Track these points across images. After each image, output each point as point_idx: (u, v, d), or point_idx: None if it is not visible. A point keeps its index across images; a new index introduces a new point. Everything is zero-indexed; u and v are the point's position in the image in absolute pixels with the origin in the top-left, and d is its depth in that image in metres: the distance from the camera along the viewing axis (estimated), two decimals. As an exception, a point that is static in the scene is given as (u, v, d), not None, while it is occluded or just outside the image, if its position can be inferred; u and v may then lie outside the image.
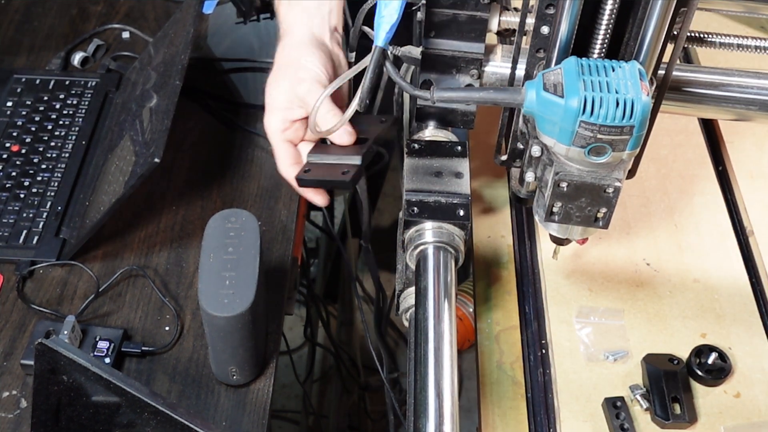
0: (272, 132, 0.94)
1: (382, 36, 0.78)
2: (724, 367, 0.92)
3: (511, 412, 0.92)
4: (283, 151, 0.94)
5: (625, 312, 0.98)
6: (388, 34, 0.78)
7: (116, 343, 0.96)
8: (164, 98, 1.05)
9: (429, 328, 0.79)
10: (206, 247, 0.90)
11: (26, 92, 1.25)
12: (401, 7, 0.78)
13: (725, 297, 1.00)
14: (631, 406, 0.90)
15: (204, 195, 1.15)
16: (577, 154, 0.73)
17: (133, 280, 1.05)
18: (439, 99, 0.78)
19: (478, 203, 1.13)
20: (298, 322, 1.95)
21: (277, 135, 0.94)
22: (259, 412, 0.93)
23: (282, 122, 0.94)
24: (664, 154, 1.16)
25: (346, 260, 1.74)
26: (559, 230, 0.84)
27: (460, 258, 0.86)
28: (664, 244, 1.05)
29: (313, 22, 0.96)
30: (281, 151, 0.95)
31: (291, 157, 0.94)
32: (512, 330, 0.99)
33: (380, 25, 0.78)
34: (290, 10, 0.98)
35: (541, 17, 0.80)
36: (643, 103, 0.70)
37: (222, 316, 0.85)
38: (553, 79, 0.73)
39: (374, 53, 0.79)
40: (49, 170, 1.14)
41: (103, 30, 1.38)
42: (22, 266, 1.04)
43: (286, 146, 0.94)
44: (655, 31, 0.76)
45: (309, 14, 0.97)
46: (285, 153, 0.94)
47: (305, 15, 0.97)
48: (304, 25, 0.96)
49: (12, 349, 0.97)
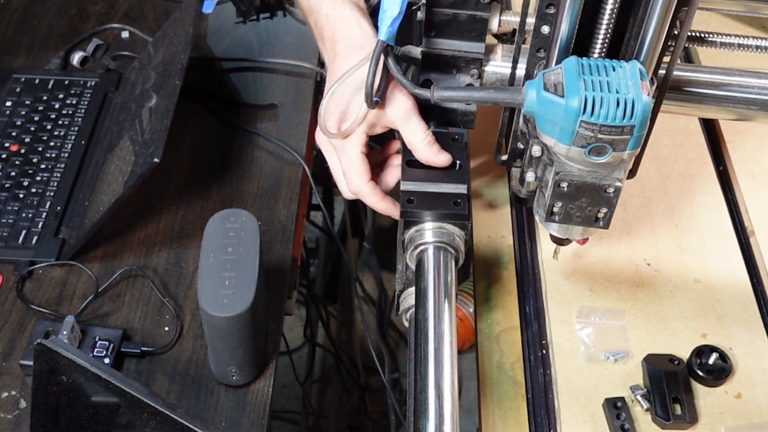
0: (352, 144, 0.87)
1: (384, 30, 0.78)
2: (725, 368, 0.92)
3: (511, 413, 0.92)
4: (365, 164, 0.87)
5: (626, 312, 0.98)
6: (391, 28, 0.78)
7: (116, 343, 0.96)
8: (164, 98, 1.05)
9: (429, 329, 0.79)
10: (206, 247, 0.90)
11: (25, 92, 1.25)
12: (404, 1, 0.78)
13: (726, 297, 0.99)
14: (632, 406, 0.90)
15: (204, 195, 1.15)
16: (578, 154, 0.73)
17: (132, 281, 1.05)
18: (440, 98, 0.78)
19: (478, 203, 1.12)
20: (298, 323, 1.95)
21: (358, 148, 0.87)
22: (258, 413, 0.93)
23: (364, 135, 0.87)
24: (665, 153, 1.16)
25: (346, 260, 1.74)
26: (560, 230, 0.84)
27: (460, 258, 0.86)
28: (665, 244, 1.05)
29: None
30: (362, 165, 0.87)
31: (369, 172, 0.88)
32: (512, 330, 0.99)
33: (383, 19, 0.78)
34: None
35: (542, 17, 0.79)
36: (643, 103, 0.70)
37: (222, 317, 0.85)
38: (553, 78, 0.73)
39: (376, 47, 0.78)
40: (48, 170, 1.14)
41: (103, 30, 1.38)
42: (22, 266, 1.04)
43: (365, 159, 0.87)
44: (656, 31, 0.76)
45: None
46: (366, 167, 0.87)
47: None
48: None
49: (11, 349, 0.97)
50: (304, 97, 1.29)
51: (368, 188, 0.88)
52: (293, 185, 1.17)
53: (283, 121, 1.26)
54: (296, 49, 1.37)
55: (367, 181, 0.88)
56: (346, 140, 0.87)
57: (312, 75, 1.33)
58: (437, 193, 0.86)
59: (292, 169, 1.19)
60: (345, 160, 0.87)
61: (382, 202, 0.89)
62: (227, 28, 1.42)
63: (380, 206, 0.90)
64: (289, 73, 1.33)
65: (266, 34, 1.40)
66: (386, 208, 0.90)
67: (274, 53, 1.36)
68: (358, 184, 0.88)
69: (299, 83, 1.32)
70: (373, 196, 0.88)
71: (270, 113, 1.27)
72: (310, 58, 1.34)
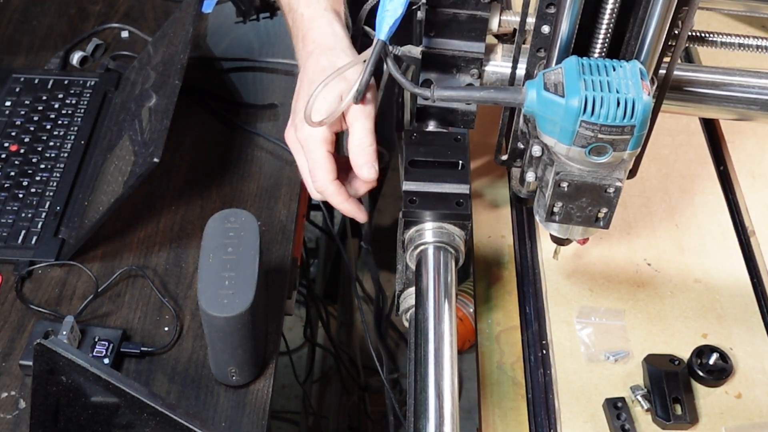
0: (319, 143, 0.86)
1: (385, 29, 0.78)
2: (726, 368, 0.92)
3: (511, 413, 0.92)
4: (330, 163, 0.87)
5: (626, 312, 0.98)
6: (392, 28, 0.78)
7: (115, 343, 0.96)
8: (163, 98, 1.05)
9: (429, 329, 0.79)
10: (206, 248, 0.89)
11: (25, 92, 1.25)
12: (406, 1, 0.77)
13: (726, 297, 0.99)
14: (632, 406, 0.89)
15: (203, 195, 1.15)
16: (578, 154, 0.73)
17: (132, 281, 1.05)
18: (440, 98, 0.78)
19: (478, 203, 1.12)
20: (298, 323, 1.95)
21: (324, 147, 0.86)
22: (258, 413, 0.93)
23: (330, 133, 0.86)
24: (665, 153, 1.16)
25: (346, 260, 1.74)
26: (560, 230, 0.84)
27: (460, 258, 0.86)
28: (665, 244, 1.05)
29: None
30: (328, 164, 0.86)
31: (334, 171, 0.87)
32: (513, 330, 0.99)
33: (383, 18, 0.78)
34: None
35: (542, 16, 0.79)
36: (644, 103, 0.69)
37: (221, 317, 0.85)
38: (553, 78, 0.73)
39: (376, 46, 0.78)
40: (47, 170, 1.14)
41: (102, 29, 1.38)
42: (21, 266, 1.04)
43: (331, 158, 0.87)
44: (656, 31, 0.76)
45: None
46: (331, 166, 0.87)
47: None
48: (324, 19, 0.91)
49: (11, 349, 0.97)
50: (303, 96, 1.29)
51: (333, 187, 0.87)
52: (293, 185, 1.17)
53: (282, 121, 1.25)
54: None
55: (332, 180, 0.87)
56: (312, 139, 0.86)
57: (312, 75, 1.32)
58: (439, 194, 0.86)
59: (292, 169, 1.19)
60: (311, 159, 0.87)
61: (347, 203, 0.89)
62: (227, 27, 1.42)
63: (344, 207, 0.89)
64: (289, 72, 1.33)
65: (266, 34, 1.40)
66: (350, 210, 0.89)
67: (274, 53, 1.35)
68: (323, 182, 0.87)
69: (299, 83, 1.31)
70: (338, 196, 0.88)
71: (270, 113, 1.27)
72: (310, 58, 1.34)
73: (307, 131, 0.86)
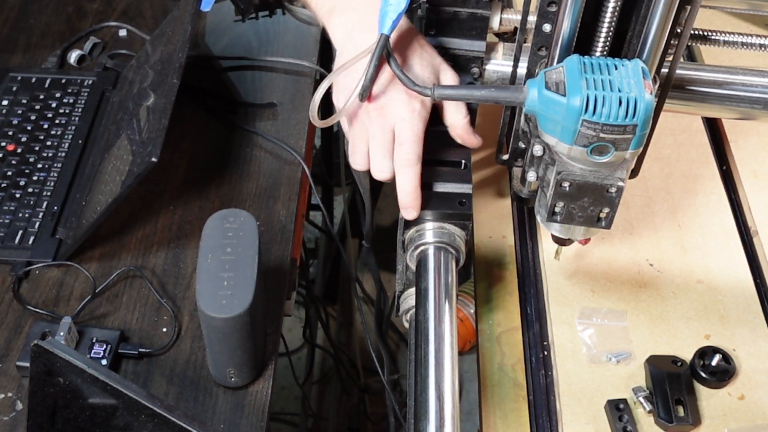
0: (423, 117, 0.82)
1: (389, 24, 0.77)
2: (728, 369, 0.91)
3: (512, 415, 0.91)
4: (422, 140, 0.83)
5: (628, 313, 0.97)
6: (395, 23, 0.77)
7: (113, 344, 0.95)
8: (162, 97, 1.05)
9: (429, 330, 0.79)
10: (204, 248, 0.89)
11: (22, 91, 1.24)
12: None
13: (729, 298, 0.99)
14: (634, 408, 0.89)
15: (202, 195, 1.15)
16: (580, 154, 0.72)
17: (130, 281, 1.04)
18: (440, 97, 0.77)
19: (479, 203, 1.12)
20: (297, 324, 1.94)
21: (425, 122, 0.82)
22: (257, 415, 0.93)
23: (427, 113, 0.83)
24: (668, 153, 1.15)
25: (346, 261, 1.74)
26: (561, 230, 0.84)
27: (461, 258, 0.86)
28: (668, 245, 1.04)
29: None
30: (422, 139, 0.82)
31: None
32: (514, 331, 0.98)
33: (386, 13, 0.77)
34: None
35: (543, 15, 0.79)
36: (646, 102, 0.69)
37: (220, 318, 0.84)
38: (555, 77, 0.72)
39: (379, 41, 0.77)
40: (45, 170, 1.13)
41: (100, 28, 1.37)
42: (18, 267, 1.03)
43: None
44: (659, 29, 0.76)
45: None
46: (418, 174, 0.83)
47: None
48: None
49: (8, 350, 0.96)
50: (303, 95, 1.29)
51: (418, 166, 0.82)
52: (292, 185, 1.16)
53: (282, 120, 1.25)
54: (295, 47, 1.36)
55: (420, 157, 0.82)
56: (418, 110, 0.82)
57: (311, 74, 1.32)
58: (442, 193, 0.85)
59: (292, 169, 1.18)
60: (408, 129, 0.81)
61: (417, 188, 0.83)
62: (226, 26, 1.41)
63: (413, 191, 0.83)
64: (289, 71, 1.32)
65: (265, 33, 1.40)
66: (414, 197, 0.83)
67: (273, 52, 1.35)
68: (412, 157, 0.81)
69: (298, 82, 1.31)
70: (416, 177, 0.83)
71: (269, 112, 1.27)
72: (309, 57, 1.34)
73: (406, 102, 0.81)
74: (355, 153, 0.85)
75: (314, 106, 0.83)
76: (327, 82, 0.82)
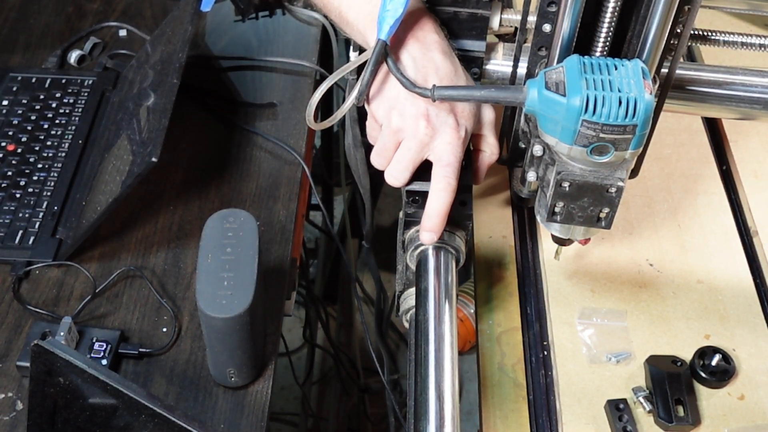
0: (466, 130, 0.82)
1: (386, 29, 0.77)
2: (728, 369, 0.91)
3: (512, 415, 0.91)
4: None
5: (628, 313, 0.97)
6: (392, 28, 0.77)
7: (113, 344, 0.95)
8: (162, 97, 1.04)
9: (429, 330, 0.78)
10: (204, 248, 0.89)
11: (22, 91, 1.24)
12: (407, 1, 0.77)
13: (729, 298, 0.99)
14: (634, 408, 0.89)
15: (202, 195, 1.15)
16: (580, 154, 0.72)
17: (130, 281, 1.04)
18: (440, 97, 0.77)
19: (479, 203, 1.12)
20: (297, 324, 1.94)
21: (467, 135, 0.82)
22: (257, 415, 0.93)
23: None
24: (668, 153, 1.15)
25: (346, 261, 1.74)
26: (561, 230, 0.83)
27: (461, 258, 0.86)
28: (668, 245, 1.04)
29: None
30: (463, 149, 0.82)
31: None
32: (514, 331, 0.98)
33: (384, 18, 0.77)
34: None
35: (543, 15, 0.79)
36: (645, 102, 0.69)
37: (220, 318, 0.84)
38: (555, 77, 0.72)
39: (376, 46, 0.77)
40: (45, 170, 1.13)
41: (100, 28, 1.37)
42: (18, 267, 1.03)
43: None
44: (659, 29, 0.76)
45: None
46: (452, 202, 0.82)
47: None
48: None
49: (8, 350, 0.96)
50: (303, 95, 1.29)
51: (454, 194, 0.81)
52: (292, 185, 1.16)
53: (282, 120, 1.25)
54: (295, 47, 1.36)
55: (459, 166, 0.81)
56: (463, 138, 0.81)
57: (311, 74, 1.32)
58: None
59: (291, 169, 1.18)
60: (452, 154, 0.80)
61: (447, 215, 0.82)
62: (226, 26, 1.41)
63: (443, 215, 0.81)
64: (288, 71, 1.32)
65: (265, 33, 1.40)
66: (441, 222, 0.82)
67: (273, 52, 1.35)
68: (454, 182, 0.80)
69: (298, 82, 1.31)
70: (450, 204, 0.81)
71: (269, 112, 1.27)
72: (309, 57, 1.34)
73: (454, 128, 0.81)
74: (382, 156, 0.84)
75: (311, 109, 0.83)
76: (326, 85, 0.82)
